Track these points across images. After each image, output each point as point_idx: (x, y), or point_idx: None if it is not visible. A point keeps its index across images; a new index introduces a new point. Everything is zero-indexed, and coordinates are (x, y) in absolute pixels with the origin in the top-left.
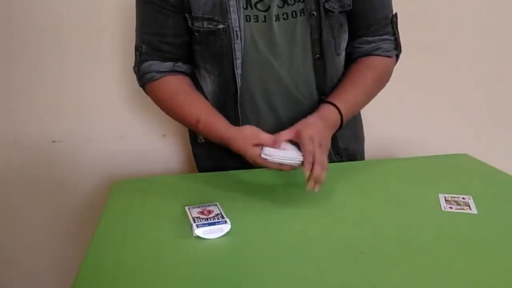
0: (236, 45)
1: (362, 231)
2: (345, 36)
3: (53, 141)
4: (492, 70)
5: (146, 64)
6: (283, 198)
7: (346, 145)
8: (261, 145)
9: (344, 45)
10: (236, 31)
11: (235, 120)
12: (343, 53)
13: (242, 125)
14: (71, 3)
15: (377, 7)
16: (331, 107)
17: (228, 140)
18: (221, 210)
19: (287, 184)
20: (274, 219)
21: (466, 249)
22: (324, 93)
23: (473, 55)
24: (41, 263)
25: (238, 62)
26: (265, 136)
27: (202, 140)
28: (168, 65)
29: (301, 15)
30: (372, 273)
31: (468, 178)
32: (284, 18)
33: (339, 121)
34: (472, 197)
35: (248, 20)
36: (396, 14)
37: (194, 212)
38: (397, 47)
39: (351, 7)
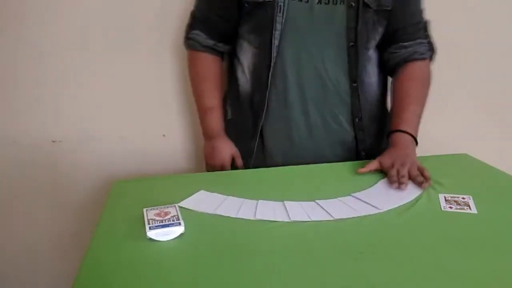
0: (278, 17)
1: (362, 231)
2: (376, 36)
3: (53, 141)
4: (493, 69)
5: (194, 32)
6: (289, 196)
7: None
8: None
9: (374, 43)
10: (280, 5)
11: (265, 87)
12: (370, 51)
13: (269, 92)
14: (71, 3)
15: (413, 12)
16: (399, 133)
17: (217, 135)
18: (178, 212)
19: (291, 183)
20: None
21: (466, 249)
22: (354, 81)
23: (474, 54)
24: (41, 263)
25: (277, 33)
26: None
27: None
28: (210, 42)
29: (341, 3)
30: (372, 273)
31: (468, 178)
32: (325, 3)
33: (411, 139)
34: (472, 197)
35: None
36: (428, 21)
37: (151, 213)
38: (431, 49)
39: (389, 8)
